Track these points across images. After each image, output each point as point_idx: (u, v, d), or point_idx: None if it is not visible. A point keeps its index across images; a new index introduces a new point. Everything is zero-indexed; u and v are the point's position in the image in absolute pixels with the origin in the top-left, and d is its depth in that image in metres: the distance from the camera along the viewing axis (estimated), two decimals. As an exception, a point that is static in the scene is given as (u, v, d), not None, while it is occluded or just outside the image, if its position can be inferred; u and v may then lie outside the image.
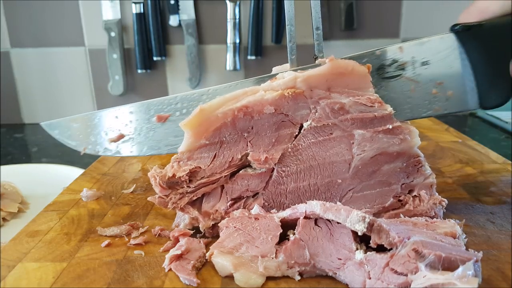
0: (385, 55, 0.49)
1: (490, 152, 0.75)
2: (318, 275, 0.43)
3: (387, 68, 0.49)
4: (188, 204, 0.50)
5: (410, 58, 0.49)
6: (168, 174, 0.48)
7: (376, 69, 0.49)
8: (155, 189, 0.49)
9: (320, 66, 0.48)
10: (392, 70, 0.49)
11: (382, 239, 0.39)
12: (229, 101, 0.48)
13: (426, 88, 0.49)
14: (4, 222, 0.69)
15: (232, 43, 1.20)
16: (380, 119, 0.48)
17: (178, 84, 1.27)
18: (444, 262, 0.36)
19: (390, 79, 0.49)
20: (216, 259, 0.43)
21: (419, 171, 0.50)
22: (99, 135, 0.53)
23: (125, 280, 0.42)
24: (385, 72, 0.49)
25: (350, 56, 0.49)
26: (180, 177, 0.48)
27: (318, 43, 0.50)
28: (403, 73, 0.49)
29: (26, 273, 0.44)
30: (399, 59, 0.49)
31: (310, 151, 0.49)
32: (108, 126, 0.53)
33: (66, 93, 1.30)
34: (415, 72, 0.49)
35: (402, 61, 0.49)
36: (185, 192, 0.49)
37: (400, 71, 0.49)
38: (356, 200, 0.50)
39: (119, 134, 0.52)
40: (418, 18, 1.19)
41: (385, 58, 0.49)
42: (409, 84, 0.49)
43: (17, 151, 1.08)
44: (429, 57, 0.49)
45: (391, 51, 0.49)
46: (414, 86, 0.49)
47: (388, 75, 0.49)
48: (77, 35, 1.25)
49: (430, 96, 0.49)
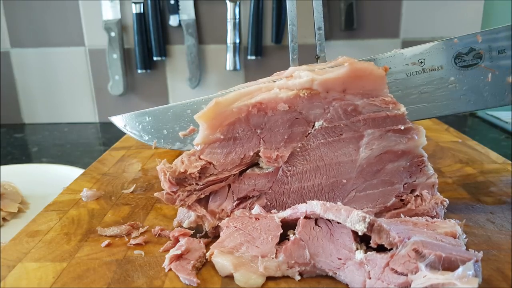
0: (463, 44, 0.49)
1: (490, 152, 0.75)
2: (318, 275, 0.43)
3: (464, 57, 0.49)
4: (196, 202, 0.50)
5: (487, 47, 0.48)
6: (180, 169, 0.47)
7: (454, 58, 0.49)
8: (164, 185, 0.48)
9: (338, 68, 0.47)
10: (470, 58, 0.49)
11: (383, 239, 0.39)
12: (244, 96, 0.48)
13: (502, 76, 0.49)
14: (4, 222, 0.69)
15: (232, 43, 1.20)
16: (393, 118, 0.48)
17: (178, 84, 1.27)
18: (444, 262, 0.36)
19: (467, 68, 0.49)
20: (216, 259, 0.43)
21: (422, 170, 0.50)
22: (172, 129, 0.52)
23: (125, 280, 0.42)
24: (463, 60, 0.49)
25: (429, 44, 0.48)
26: (191, 173, 0.47)
27: (320, 43, 0.50)
28: (480, 62, 0.49)
29: (26, 273, 0.44)
30: (476, 47, 0.48)
31: (318, 152, 0.49)
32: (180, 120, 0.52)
33: (66, 93, 1.30)
34: (492, 61, 0.49)
35: (479, 49, 0.48)
36: (193, 189, 0.49)
37: (477, 60, 0.49)
38: (359, 199, 0.50)
39: (191, 128, 0.51)
40: (418, 18, 1.19)
41: (462, 46, 0.49)
42: (487, 73, 0.49)
43: (17, 151, 1.08)
44: (505, 46, 0.48)
45: (469, 39, 0.48)
46: (491, 74, 0.49)
47: (465, 63, 0.49)
48: (77, 35, 1.25)
49: (507, 85, 0.49)
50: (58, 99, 1.30)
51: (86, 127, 1.28)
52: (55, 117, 1.32)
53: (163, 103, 1.28)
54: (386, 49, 1.24)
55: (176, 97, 1.29)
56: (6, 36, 1.25)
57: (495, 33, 0.48)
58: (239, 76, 1.26)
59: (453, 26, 1.19)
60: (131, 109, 1.29)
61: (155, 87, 1.28)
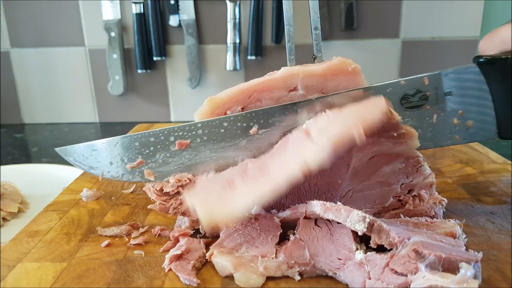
0: (409, 85, 0.49)
1: (490, 152, 0.75)
2: (318, 275, 0.43)
3: (410, 98, 0.49)
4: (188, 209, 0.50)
5: (433, 89, 0.49)
6: (157, 188, 0.50)
7: (400, 99, 0.49)
8: (151, 197, 0.50)
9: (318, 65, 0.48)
10: (416, 100, 0.49)
11: (382, 239, 0.39)
12: (240, 94, 0.49)
13: (447, 118, 0.50)
14: (4, 222, 0.69)
15: (232, 43, 1.20)
16: (387, 127, 0.48)
17: (178, 84, 1.27)
18: (444, 263, 0.36)
19: (413, 109, 0.50)
20: (216, 259, 0.43)
21: (419, 171, 0.50)
22: (118, 161, 0.51)
23: (125, 280, 0.42)
24: (409, 102, 0.49)
25: (375, 85, 0.49)
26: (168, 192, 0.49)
27: (316, 43, 0.50)
28: (426, 103, 0.49)
29: (26, 273, 0.44)
30: (423, 89, 0.49)
31: None
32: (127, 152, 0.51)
33: (66, 93, 1.30)
34: (438, 102, 0.49)
35: (426, 91, 0.49)
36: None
37: (423, 101, 0.49)
38: (356, 200, 0.50)
39: (139, 160, 0.51)
40: (418, 18, 1.19)
41: (409, 88, 0.49)
42: (432, 114, 0.50)
43: (17, 151, 1.08)
44: (451, 88, 0.49)
45: (416, 81, 0.49)
46: (436, 116, 0.50)
47: (411, 104, 0.49)
48: (77, 35, 1.25)
49: (451, 125, 0.50)
50: (58, 99, 1.30)
51: (86, 127, 1.28)
52: (55, 117, 1.32)
53: (163, 103, 1.29)
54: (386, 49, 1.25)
55: (176, 97, 1.29)
56: (6, 36, 1.25)
57: (443, 76, 0.49)
58: (239, 76, 1.26)
59: (453, 26, 1.19)
60: (131, 109, 1.29)
61: (155, 87, 1.28)
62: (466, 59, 1.20)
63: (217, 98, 0.49)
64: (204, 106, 0.50)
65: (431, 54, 1.22)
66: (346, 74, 0.49)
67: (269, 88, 0.49)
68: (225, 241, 0.45)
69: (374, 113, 0.42)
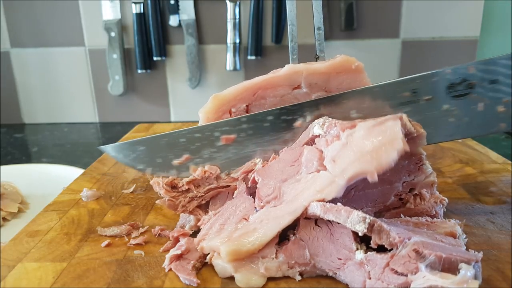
0: (455, 74, 0.49)
1: (490, 152, 0.75)
2: (318, 275, 0.43)
3: (457, 87, 0.49)
4: (197, 207, 0.51)
5: (479, 77, 0.49)
6: (166, 183, 0.51)
7: (447, 88, 0.50)
8: (159, 192, 0.50)
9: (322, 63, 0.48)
10: (462, 88, 0.49)
11: (383, 239, 0.39)
12: (244, 91, 0.49)
13: (493, 106, 0.50)
14: (4, 222, 0.69)
15: (232, 43, 1.20)
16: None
17: (178, 84, 1.27)
18: (445, 263, 0.36)
19: (460, 97, 0.50)
20: (217, 261, 0.43)
21: (420, 169, 0.50)
22: (166, 157, 0.51)
23: (125, 280, 0.42)
24: (455, 90, 0.49)
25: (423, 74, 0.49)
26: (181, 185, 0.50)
27: (319, 43, 0.51)
28: (471, 92, 0.49)
29: (26, 273, 0.44)
30: (469, 78, 0.49)
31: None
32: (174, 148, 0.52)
33: (66, 93, 1.30)
34: (483, 91, 0.49)
35: (472, 80, 0.49)
36: (195, 196, 0.50)
37: (469, 90, 0.49)
38: (358, 198, 0.50)
39: (186, 156, 0.51)
40: (418, 18, 1.19)
41: (455, 76, 0.49)
42: (477, 102, 0.50)
43: (17, 151, 1.08)
44: (498, 76, 0.49)
45: (461, 70, 0.49)
46: (482, 104, 0.50)
47: (457, 93, 0.49)
48: (77, 35, 1.25)
49: (496, 113, 0.50)
50: (58, 99, 1.30)
51: (86, 127, 1.28)
52: (55, 117, 1.32)
53: (163, 103, 1.29)
54: (386, 49, 1.24)
55: (176, 97, 1.29)
56: (6, 36, 1.25)
57: (488, 64, 0.49)
58: (239, 76, 1.26)
59: (453, 26, 1.19)
60: (131, 109, 1.29)
61: (155, 87, 1.28)
62: (466, 59, 1.20)
63: (222, 96, 0.50)
64: (209, 103, 0.50)
65: (431, 54, 1.22)
66: (350, 72, 0.49)
67: (273, 85, 0.49)
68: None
69: (389, 155, 0.42)
